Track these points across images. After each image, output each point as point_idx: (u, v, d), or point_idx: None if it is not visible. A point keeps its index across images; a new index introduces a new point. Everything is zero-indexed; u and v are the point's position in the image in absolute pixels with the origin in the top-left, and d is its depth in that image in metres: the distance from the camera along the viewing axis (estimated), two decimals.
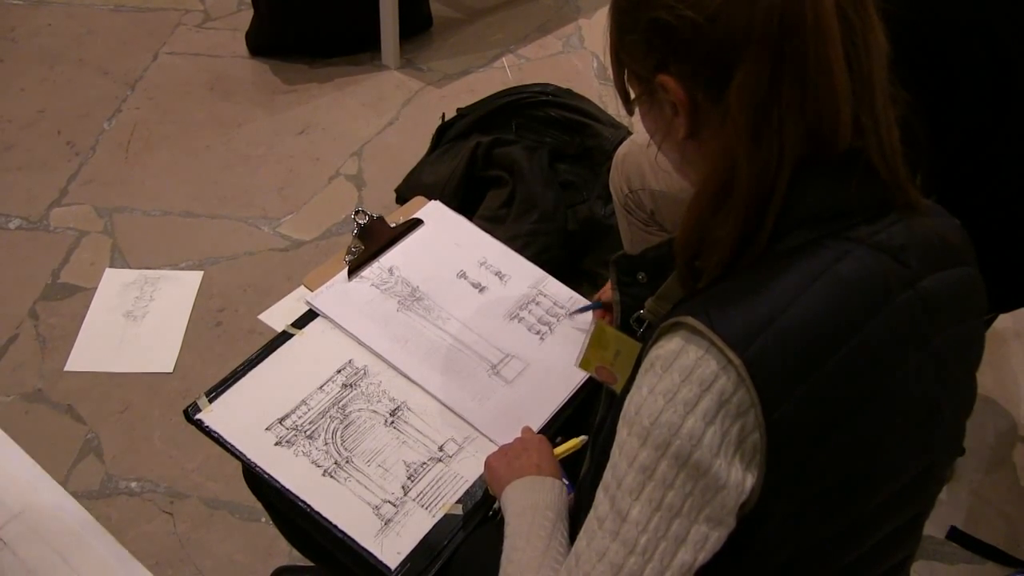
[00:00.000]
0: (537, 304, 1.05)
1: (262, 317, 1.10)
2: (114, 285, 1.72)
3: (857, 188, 0.57)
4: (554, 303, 1.06)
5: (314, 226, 1.88)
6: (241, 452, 0.90)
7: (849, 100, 0.56)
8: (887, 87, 0.58)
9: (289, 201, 1.94)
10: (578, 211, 1.70)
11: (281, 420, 0.92)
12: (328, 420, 0.92)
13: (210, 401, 0.95)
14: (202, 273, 1.76)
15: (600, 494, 0.57)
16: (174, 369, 1.58)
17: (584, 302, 1.08)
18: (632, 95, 0.64)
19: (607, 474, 0.57)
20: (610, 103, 2.12)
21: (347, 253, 1.07)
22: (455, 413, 0.93)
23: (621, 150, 1.25)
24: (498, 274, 1.08)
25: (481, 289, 1.05)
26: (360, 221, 1.07)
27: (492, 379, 0.96)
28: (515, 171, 1.71)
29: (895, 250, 0.57)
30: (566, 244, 1.65)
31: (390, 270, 1.06)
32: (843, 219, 0.57)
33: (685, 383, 0.53)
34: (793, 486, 0.54)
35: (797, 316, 0.53)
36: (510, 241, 1.54)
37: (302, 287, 1.07)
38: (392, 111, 2.18)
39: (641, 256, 0.69)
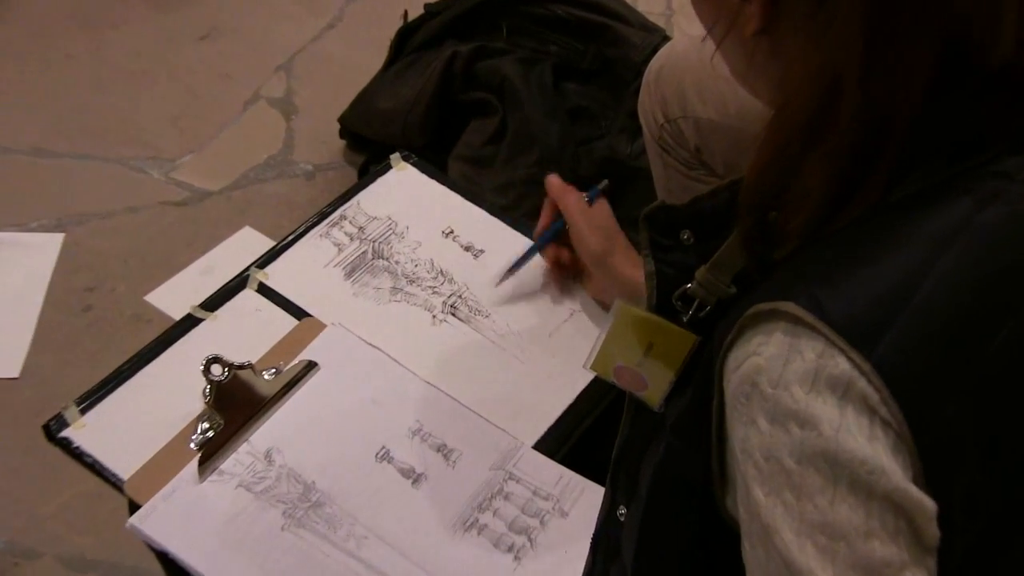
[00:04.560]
0: (506, 499, 0.94)
1: (150, 299, 1.16)
2: None
3: (1002, 108, 0.57)
4: (534, 492, 0.95)
5: (225, 170, 1.85)
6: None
7: None
8: None
9: (188, 135, 1.92)
10: (594, 149, 1.67)
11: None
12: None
13: (82, 412, 0.94)
14: (63, 237, 1.74)
15: None
16: (22, 373, 1.56)
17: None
18: None
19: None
20: None
21: (194, 431, 0.94)
22: None
23: (655, 63, 1.23)
24: (441, 449, 0.97)
25: (415, 479, 0.95)
26: (215, 377, 0.94)
27: None
28: (506, 93, 1.68)
29: None
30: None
31: (267, 456, 0.95)
32: (980, 151, 0.57)
33: (814, 394, 0.52)
34: (954, 520, 0.54)
35: (937, 293, 0.53)
36: (500, 191, 1.61)
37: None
38: (333, 8, 2.17)
39: (689, 207, 0.68)
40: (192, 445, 0.93)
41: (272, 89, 2.01)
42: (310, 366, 1.01)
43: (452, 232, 1.17)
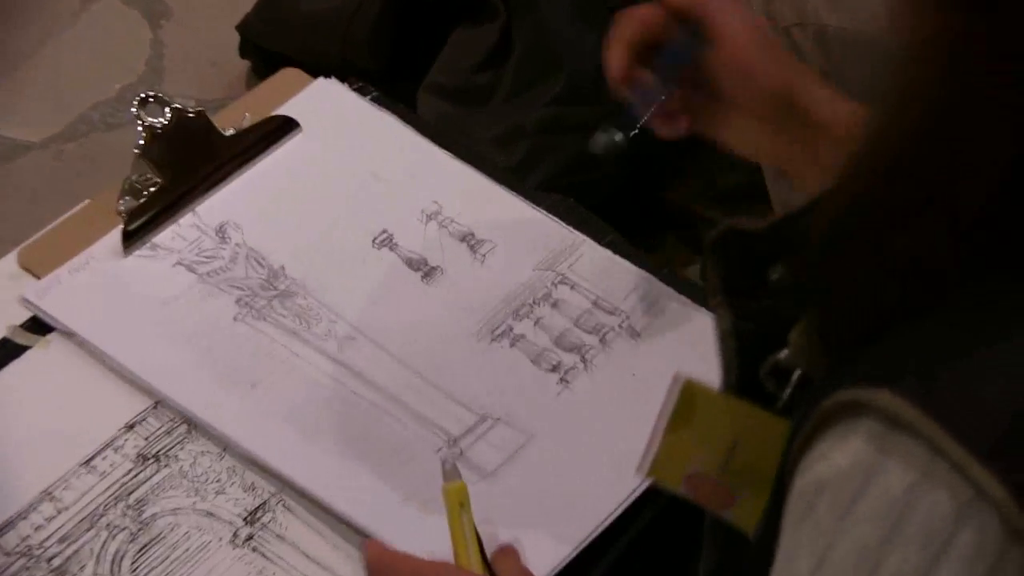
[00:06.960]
0: (555, 307, 0.99)
1: None
2: None
3: None
4: (594, 303, 0.99)
5: (55, 111, 1.87)
6: None
7: None
8: None
9: None
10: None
11: None
12: (103, 535, 0.93)
13: None
14: None
15: None
16: None
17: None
18: None
19: None
20: None
21: (122, 193, 1.00)
22: (371, 534, 0.91)
23: None
24: (467, 239, 1.03)
25: (427, 272, 1.01)
26: (151, 120, 0.99)
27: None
28: None
29: None
30: (624, 151, 1.64)
31: (221, 232, 1.01)
32: None
33: (895, 541, 0.51)
34: None
35: None
36: (500, 143, 1.62)
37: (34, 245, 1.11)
38: None
39: (777, 229, 0.68)
40: (120, 208, 0.98)
41: None
42: (288, 125, 1.06)
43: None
